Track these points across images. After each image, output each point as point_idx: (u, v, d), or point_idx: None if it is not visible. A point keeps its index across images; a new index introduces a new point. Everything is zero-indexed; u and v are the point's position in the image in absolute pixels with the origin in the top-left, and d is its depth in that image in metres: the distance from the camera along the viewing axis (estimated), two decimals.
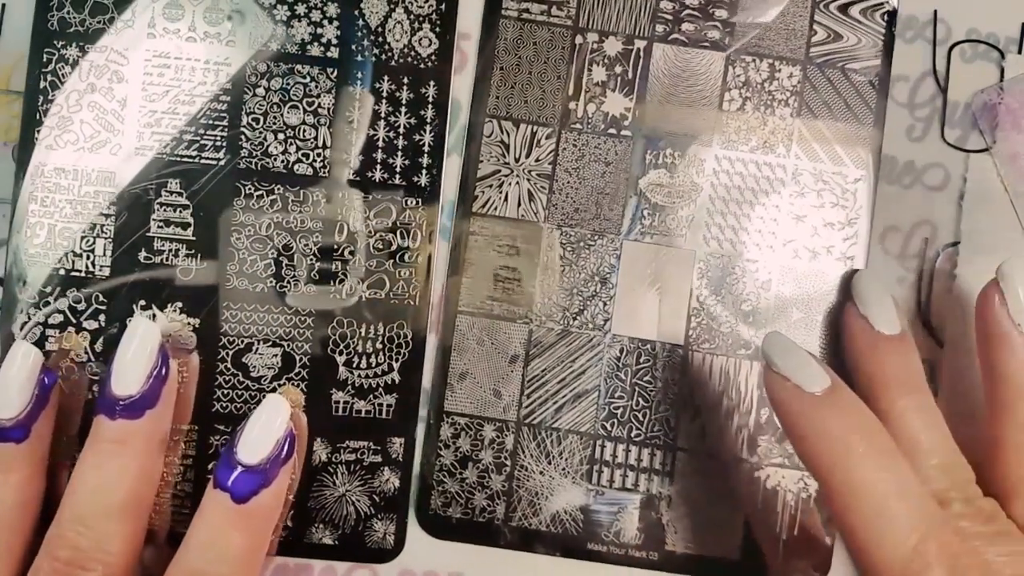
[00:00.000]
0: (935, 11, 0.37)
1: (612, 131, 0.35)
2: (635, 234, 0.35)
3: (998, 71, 0.37)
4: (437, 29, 0.35)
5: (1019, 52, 0.37)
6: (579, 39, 0.35)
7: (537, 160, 0.35)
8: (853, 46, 0.35)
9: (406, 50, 0.35)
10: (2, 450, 0.31)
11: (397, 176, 0.34)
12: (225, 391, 0.34)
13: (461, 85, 0.35)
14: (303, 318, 0.34)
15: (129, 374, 0.31)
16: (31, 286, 0.33)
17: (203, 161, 0.34)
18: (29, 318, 0.33)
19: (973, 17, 0.37)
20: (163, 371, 0.31)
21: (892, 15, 0.36)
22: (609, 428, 0.34)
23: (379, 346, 0.34)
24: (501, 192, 0.35)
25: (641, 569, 0.34)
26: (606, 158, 0.35)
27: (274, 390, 0.34)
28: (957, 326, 0.36)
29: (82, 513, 0.30)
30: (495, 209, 0.35)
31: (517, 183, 0.35)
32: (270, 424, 0.31)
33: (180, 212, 0.34)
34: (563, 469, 0.34)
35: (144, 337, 0.31)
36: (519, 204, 0.35)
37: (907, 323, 0.33)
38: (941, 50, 0.37)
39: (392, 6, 0.35)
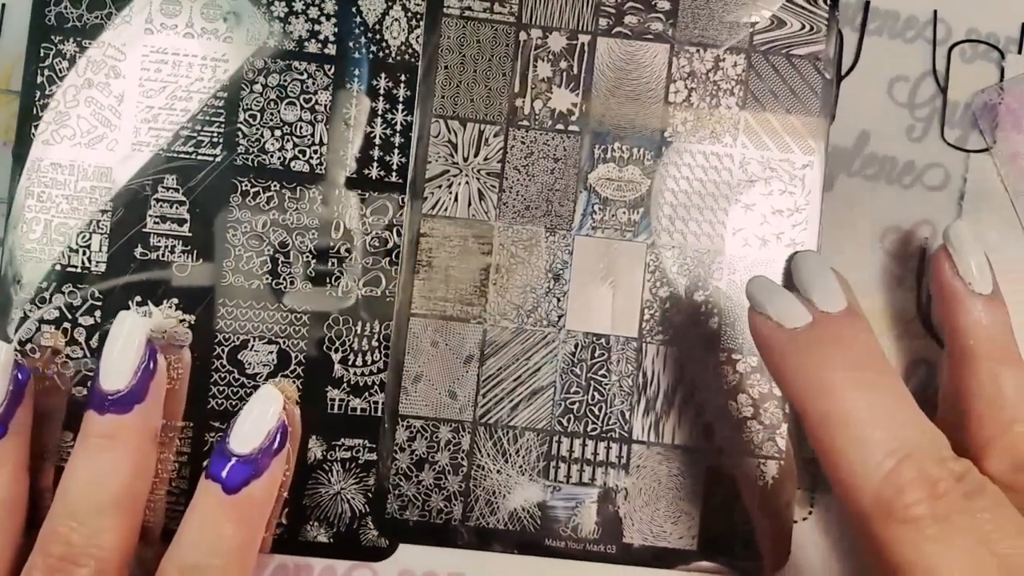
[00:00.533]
0: (935, 11, 0.37)
1: (560, 127, 0.35)
2: (587, 229, 0.35)
3: (998, 71, 0.37)
4: None
5: (1019, 52, 0.37)
6: (523, 35, 0.35)
7: (486, 159, 0.35)
8: (797, 32, 0.35)
9: (403, 47, 0.35)
10: None
11: (394, 174, 0.35)
12: (220, 388, 0.34)
13: None
14: (299, 315, 0.34)
15: (116, 369, 0.31)
16: (27, 282, 0.34)
17: (200, 157, 0.34)
18: (25, 315, 0.34)
19: (973, 17, 0.37)
20: (151, 366, 0.31)
21: None
22: (565, 424, 0.35)
23: (374, 344, 0.34)
24: (451, 192, 0.35)
25: (600, 563, 0.34)
26: (555, 154, 0.35)
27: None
28: None
29: (74, 509, 0.30)
30: (445, 210, 0.35)
31: (467, 183, 0.35)
32: (263, 415, 0.31)
33: (176, 208, 0.34)
34: (520, 467, 0.34)
35: (131, 332, 0.31)
36: (469, 204, 0.35)
37: (855, 298, 0.32)
38: (941, 50, 0.37)
39: (389, 3, 0.35)
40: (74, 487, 0.31)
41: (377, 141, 0.35)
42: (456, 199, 0.35)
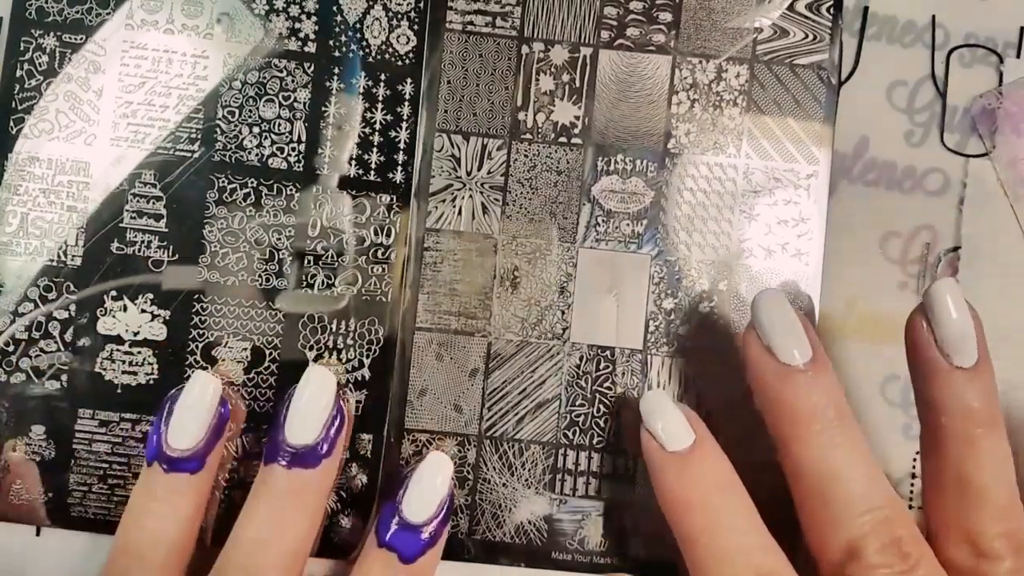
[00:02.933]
0: (933, 16, 0.37)
1: (563, 140, 0.35)
2: (590, 241, 0.35)
3: (997, 75, 0.37)
4: (415, 27, 0.35)
5: (1017, 56, 0.37)
6: (525, 49, 0.35)
7: (489, 172, 0.35)
8: (800, 41, 0.35)
9: (384, 47, 0.35)
10: (175, 480, 0.30)
11: (372, 172, 0.35)
12: None
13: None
14: (273, 312, 0.34)
15: (307, 422, 0.30)
16: (3, 277, 0.34)
17: (177, 153, 0.34)
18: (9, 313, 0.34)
19: (971, 22, 0.37)
20: (340, 419, 0.31)
21: (838, 7, 0.35)
22: (571, 436, 0.35)
23: (350, 342, 0.34)
24: (455, 206, 0.35)
25: None
26: (558, 167, 0.35)
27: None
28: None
29: (247, 563, 0.29)
30: (449, 224, 0.35)
31: (470, 196, 0.35)
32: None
33: (153, 204, 0.34)
34: (526, 480, 0.35)
35: (322, 382, 0.30)
36: (473, 217, 0.35)
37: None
38: (940, 55, 0.37)
39: (371, 3, 0.35)
40: (247, 540, 0.30)
41: (356, 139, 0.34)
42: (460, 213, 0.35)
